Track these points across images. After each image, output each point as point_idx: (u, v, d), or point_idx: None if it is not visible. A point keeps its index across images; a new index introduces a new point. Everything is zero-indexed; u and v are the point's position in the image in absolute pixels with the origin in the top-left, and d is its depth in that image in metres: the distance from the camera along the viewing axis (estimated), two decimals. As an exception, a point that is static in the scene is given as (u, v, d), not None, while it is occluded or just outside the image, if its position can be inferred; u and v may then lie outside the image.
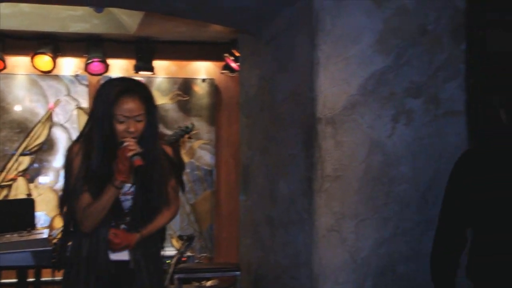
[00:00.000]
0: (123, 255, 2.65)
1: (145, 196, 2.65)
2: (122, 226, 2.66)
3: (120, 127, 2.57)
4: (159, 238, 2.82)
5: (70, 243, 2.69)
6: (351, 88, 3.08)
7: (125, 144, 2.55)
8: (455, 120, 3.17)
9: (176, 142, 5.17)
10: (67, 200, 2.65)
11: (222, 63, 6.27)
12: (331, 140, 3.07)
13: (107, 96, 2.59)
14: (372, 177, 3.08)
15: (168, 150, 2.78)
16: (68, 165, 2.64)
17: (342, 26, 3.08)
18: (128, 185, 2.64)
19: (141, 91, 2.63)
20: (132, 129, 2.57)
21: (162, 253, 2.85)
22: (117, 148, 2.56)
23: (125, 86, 2.62)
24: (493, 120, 3.22)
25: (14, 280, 4.51)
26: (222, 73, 6.40)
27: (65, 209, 2.67)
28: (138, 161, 2.53)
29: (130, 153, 2.53)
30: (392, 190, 3.10)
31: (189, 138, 6.03)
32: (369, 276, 3.08)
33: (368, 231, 3.08)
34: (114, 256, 2.64)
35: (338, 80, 3.07)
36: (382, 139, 3.10)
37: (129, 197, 2.66)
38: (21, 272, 4.38)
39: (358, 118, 3.08)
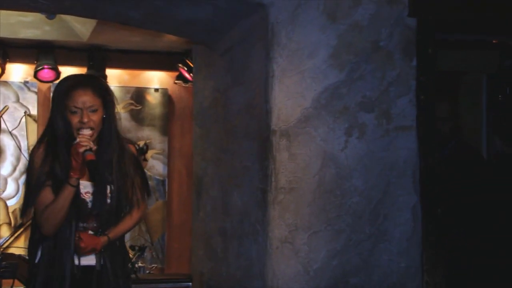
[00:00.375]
0: (90, 259, 2.62)
1: (105, 195, 2.62)
2: (90, 231, 2.62)
3: (74, 119, 2.56)
4: (124, 242, 2.79)
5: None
6: (306, 101, 3.12)
7: (77, 140, 2.52)
8: (406, 135, 3.24)
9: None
10: (31, 201, 2.59)
11: (176, 73, 6.25)
12: (285, 152, 3.09)
13: (60, 91, 2.61)
14: (325, 189, 3.12)
15: (133, 149, 2.77)
16: (30, 163, 2.61)
17: (297, 40, 3.12)
18: (89, 183, 2.60)
19: (94, 84, 2.64)
20: (85, 120, 2.55)
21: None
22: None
23: (77, 80, 2.65)
24: (440, 134, 3.34)
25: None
26: (175, 83, 6.38)
27: (30, 215, 2.62)
28: (89, 155, 2.49)
29: (82, 149, 2.50)
30: (345, 203, 3.14)
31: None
32: (321, 288, 3.11)
33: (321, 243, 3.11)
34: (81, 260, 2.60)
35: (292, 93, 3.11)
36: (335, 152, 3.14)
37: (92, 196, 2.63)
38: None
39: (312, 131, 3.12)
